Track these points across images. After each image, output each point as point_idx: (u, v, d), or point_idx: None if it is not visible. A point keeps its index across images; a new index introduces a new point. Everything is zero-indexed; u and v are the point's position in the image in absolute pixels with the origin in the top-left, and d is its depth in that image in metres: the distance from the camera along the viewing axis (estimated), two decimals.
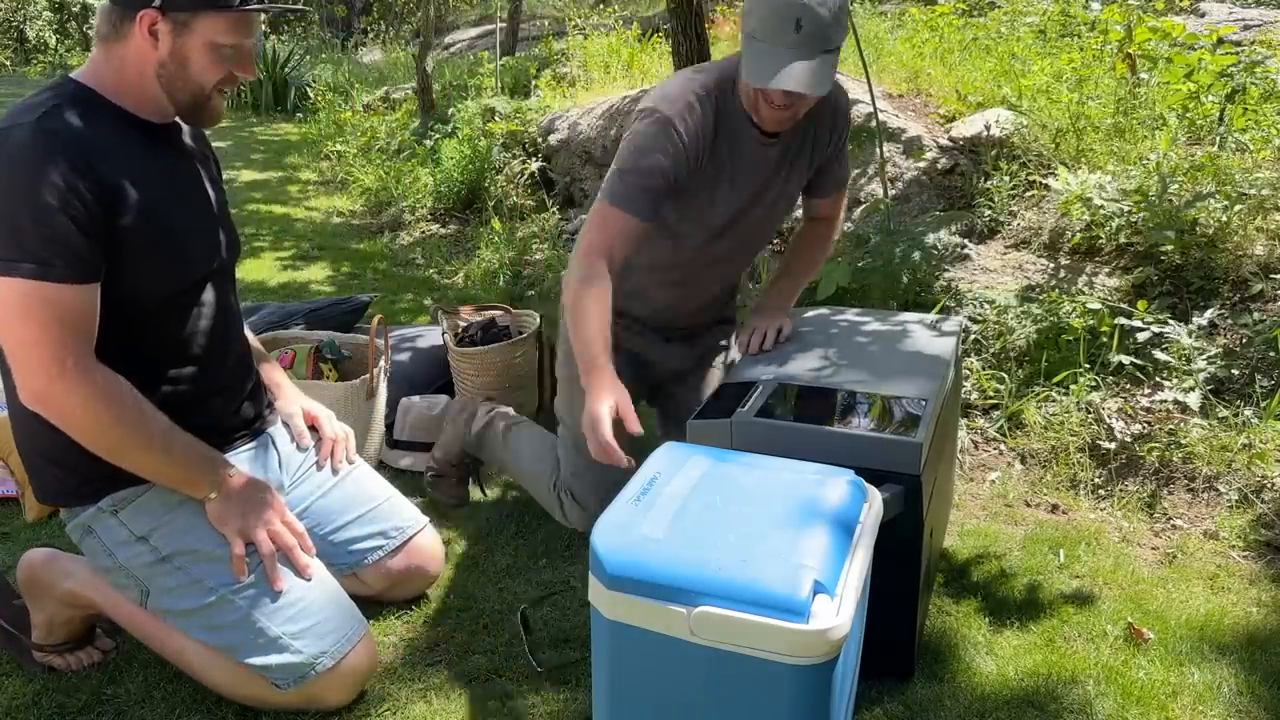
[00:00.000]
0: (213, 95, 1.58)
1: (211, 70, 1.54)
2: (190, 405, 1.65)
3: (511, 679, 1.76)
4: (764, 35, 1.70)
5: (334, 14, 16.27)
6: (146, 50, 1.51)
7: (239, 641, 1.57)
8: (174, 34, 1.50)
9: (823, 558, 1.19)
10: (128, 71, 1.54)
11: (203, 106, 1.59)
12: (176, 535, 1.60)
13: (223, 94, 1.60)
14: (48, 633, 1.76)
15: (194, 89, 1.55)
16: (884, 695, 1.70)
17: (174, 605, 1.59)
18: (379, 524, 1.89)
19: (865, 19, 6.35)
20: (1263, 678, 1.76)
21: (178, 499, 1.61)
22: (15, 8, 14.97)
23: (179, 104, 1.57)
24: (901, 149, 3.90)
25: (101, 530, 1.62)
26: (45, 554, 1.78)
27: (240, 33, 1.54)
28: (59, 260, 1.41)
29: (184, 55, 1.52)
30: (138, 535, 1.60)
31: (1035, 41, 4.95)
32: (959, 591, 2.03)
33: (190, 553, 1.59)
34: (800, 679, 1.14)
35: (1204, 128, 3.64)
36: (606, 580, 1.20)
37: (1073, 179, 3.25)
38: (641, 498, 1.31)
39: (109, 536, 1.61)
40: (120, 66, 1.54)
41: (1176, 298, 2.91)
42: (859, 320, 2.19)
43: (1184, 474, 2.41)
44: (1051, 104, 3.89)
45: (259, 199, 5.98)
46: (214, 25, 1.51)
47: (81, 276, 1.44)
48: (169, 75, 1.53)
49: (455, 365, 2.79)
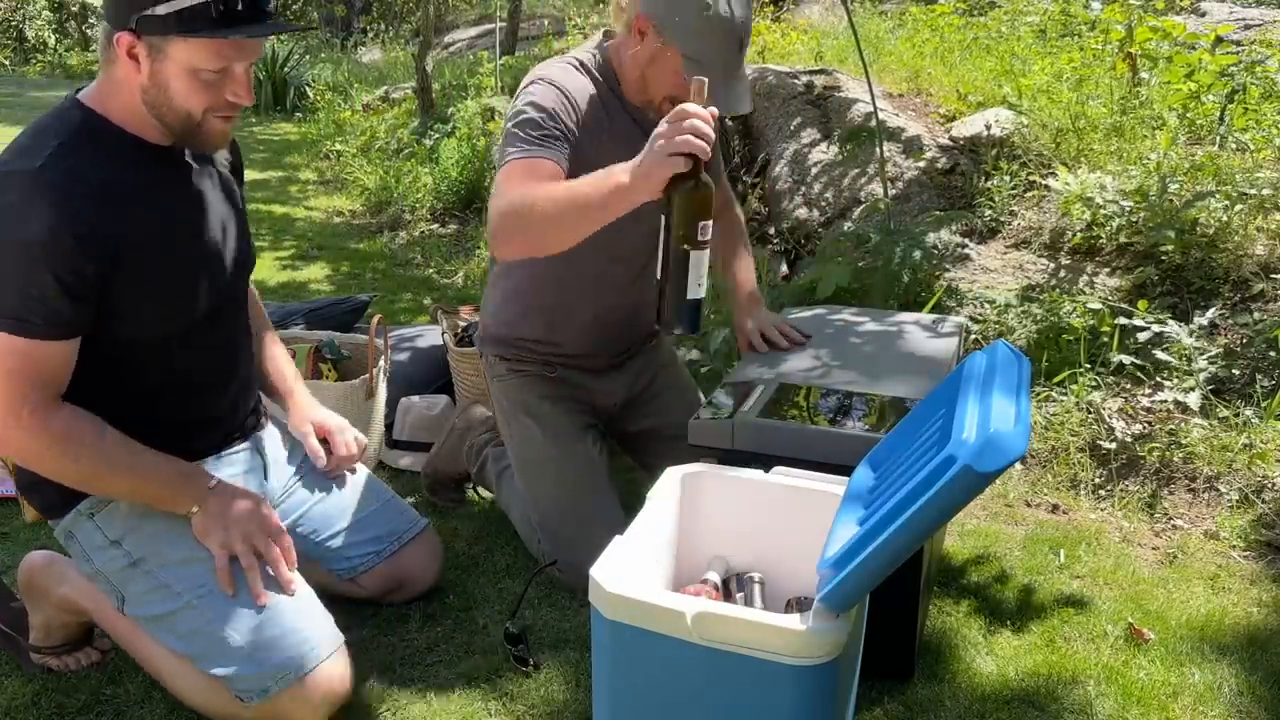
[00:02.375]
0: (205, 119, 1.49)
1: (195, 96, 1.46)
2: (186, 432, 1.65)
3: (511, 679, 1.75)
4: (711, 61, 1.69)
5: (333, 13, 16.28)
6: (131, 73, 1.45)
7: (202, 650, 1.53)
8: (151, 58, 1.43)
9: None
10: (122, 93, 1.49)
11: (195, 132, 1.50)
12: (147, 540, 1.58)
13: (224, 119, 1.51)
14: (45, 634, 1.75)
15: (180, 114, 1.48)
16: (884, 695, 1.70)
17: (146, 611, 1.58)
18: (376, 529, 1.87)
19: (865, 19, 6.35)
20: (1263, 678, 1.76)
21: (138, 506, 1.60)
22: (14, 7, 14.97)
23: (169, 128, 1.50)
24: (901, 149, 3.90)
25: (80, 534, 1.61)
26: (44, 557, 1.77)
27: (224, 58, 1.44)
28: (37, 318, 1.41)
29: (163, 80, 1.44)
30: (111, 539, 1.59)
31: (1035, 41, 4.95)
32: (959, 592, 2.02)
33: (158, 555, 1.57)
34: (800, 679, 1.14)
35: (1204, 127, 3.64)
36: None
37: (1073, 179, 3.24)
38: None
39: (87, 540, 1.61)
40: (116, 89, 1.49)
41: (1177, 298, 2.91)
42: (858, 320, 2.19)
43: (1184, 474, 2.41)
44: (1052, 104, 3.89)
45: (259, 199, 5.98)
46: (190, 51, 1.42)
47: (59, 335, 1.44)
48: (152, 100, 1.47)
49: (455, 365, 2.78)
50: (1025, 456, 2.55)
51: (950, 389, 1.26)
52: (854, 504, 1.28)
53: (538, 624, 1.92)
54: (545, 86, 1.80)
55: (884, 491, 1.21)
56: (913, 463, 1.20)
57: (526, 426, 2.06)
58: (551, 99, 1.78)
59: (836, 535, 1.21)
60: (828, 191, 3.89)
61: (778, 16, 6.85)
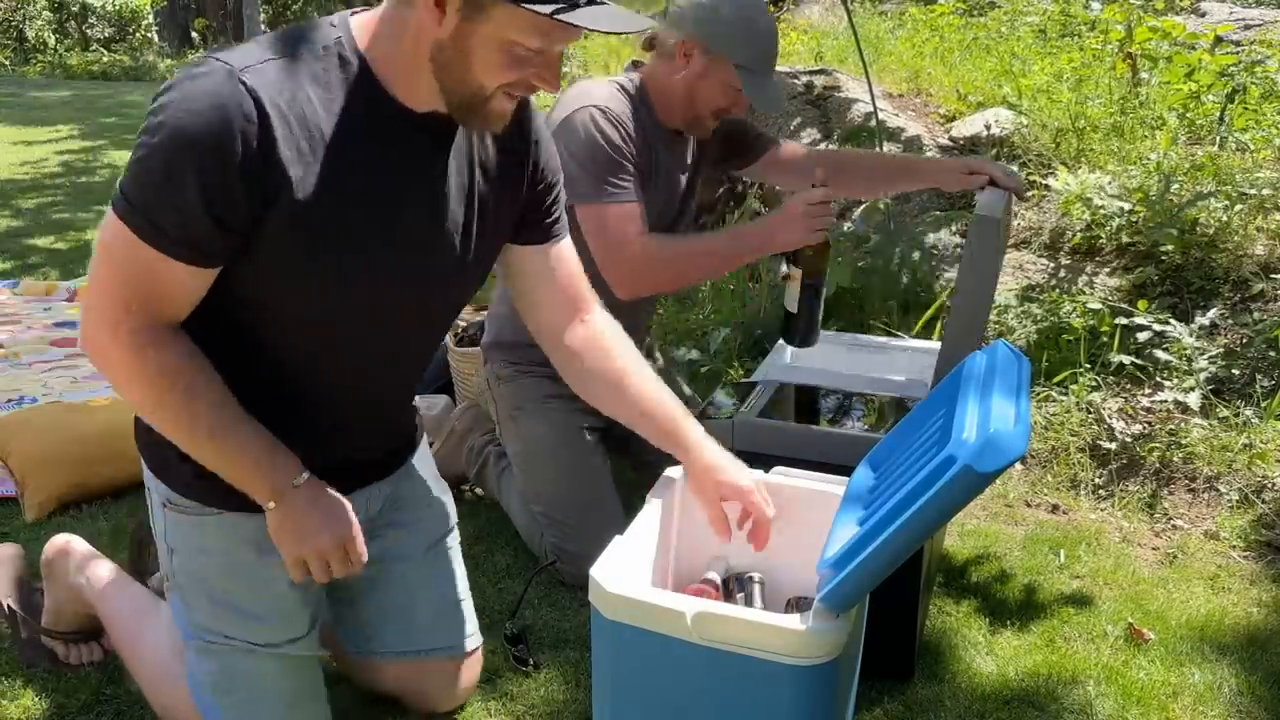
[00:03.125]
0: (494, 97, 1.24)
1: (498, 71, 1.21)
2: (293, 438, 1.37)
3: (511, 679, 1.75)
4: (758, 65, 1.96)
5: (333, 13, 16.25)
6: (429, 23, 1.19)
7: (195, 683, 1.46)
8: (462, 15, 1.17)
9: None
10: (403, 42, 1.23)
11: (478, 108, 1.25)
12: (192, 571, 1.43)
13: (512, 99, 1.27)
14: (56, 618, 1.74)
15: (472, 86, 1.22)
16: (884, 695, 1.70)
17: (177, 616, 1.49)
18: (434, 626, 1.62)
19: (865, 19, 6.35)
20: (1263, 678, 1.76)
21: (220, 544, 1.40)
22: (15, 7, 14.97)
23: (448, 95, 1.25)
24: (901, 149, 3.90)
25: (154, 500, 1.44)
26: (64, 542, 1.76)
27: (550, 38, 1.20)
28: (172, 231, 1.18)
29: (467, 44, 1.19)
30: (168, 544, 1.44)
31: (1035, 41, 4.96)
32: (959, 592, 2.02)
33: (195, 590, 1.43)
34: (800, 679, 1.14)
35: (1204, 127, 3.64)
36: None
37: (1073, 179, 3.24)
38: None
39: (156, 514, 1.45)
40: (397, 34, 1.23)
41: (1177, 298, 2.91)
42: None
43: (1184, 474, 2.41)
44: (1052, 104, 3.89)
45: None
46: (515, 20, 1.16)
47: (187, 258, 1.20)
48: (444, 61, 1.21)
49: (455, 365, 2.78)
50: (1025, 457, 2.55)
51: (950, 389, 1.26)
52: (854, 504, 1.28)
53: (538, 624, 1.92)
54: (613, 126, 1.92)
55: (884, 491, 1.21)
56: (913, 463, 1.20)
57: (531, 421, 2.08)
58: (619, 137, 1.92)
59: (836, 535, 1.21)
60: None
61: (778, 17, 6.86)
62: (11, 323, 3.52)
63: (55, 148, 6.98)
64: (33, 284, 3.95)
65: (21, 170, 6.23)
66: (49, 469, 2.29)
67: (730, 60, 1.94)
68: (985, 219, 1.64)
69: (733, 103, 2.00)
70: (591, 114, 1.90)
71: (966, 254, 1.67)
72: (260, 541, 1.35)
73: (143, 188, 1.18)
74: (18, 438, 2.37)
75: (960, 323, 1.69)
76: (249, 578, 1.42)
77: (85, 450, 2.34)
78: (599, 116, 1.91)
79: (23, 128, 7.68)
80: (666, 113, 2.04)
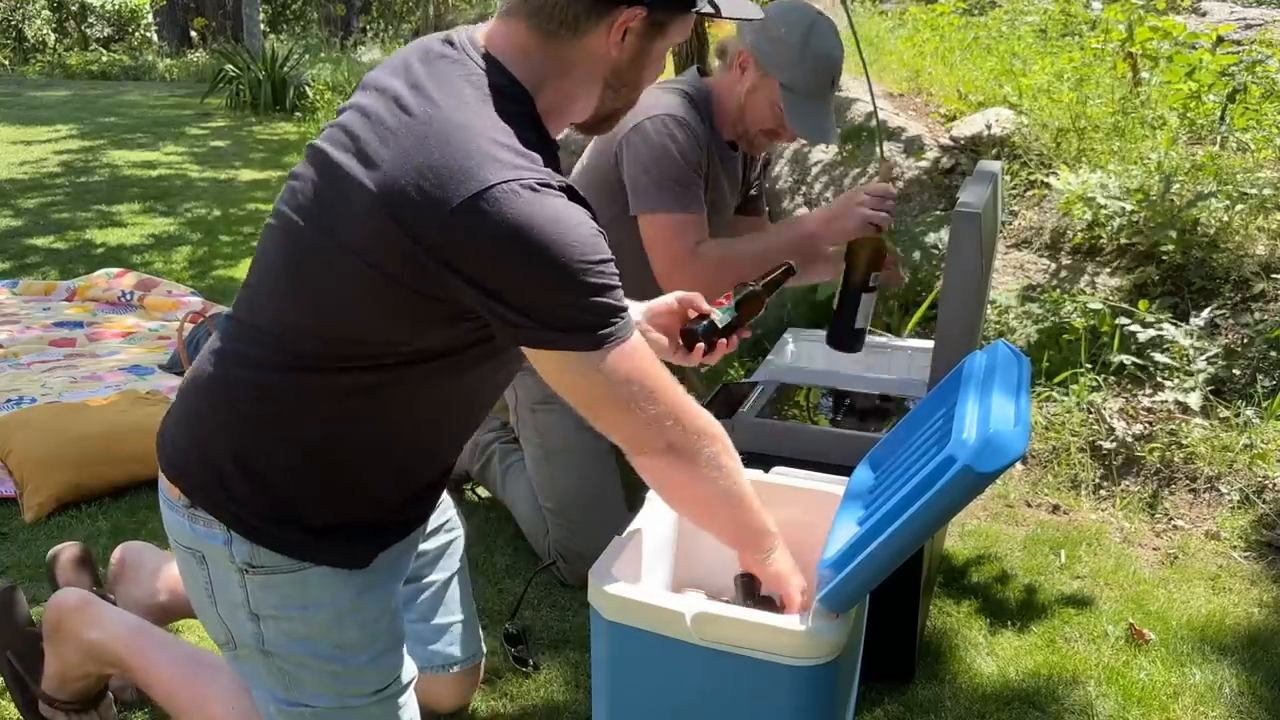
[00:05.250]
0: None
1: (651, 77, 1.31)
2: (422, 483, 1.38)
3: (511, 679, 1.75)
4: (806, 90, 1.89)
5: (333, 13, 16.28)
6: (604, 53, 1.23)
7: None
8: (643, 36, 1.24)
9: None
10: (569, 72, 1.25)
11: (614, 116, 1.34)
12: (295, 634, 1.30)
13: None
14: (60, 685, 1.56)
15: (630, 97, 1.32)
16: (884, 696, 1.70)
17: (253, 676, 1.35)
18: (464, 639, 1.61)
19: (865, 19, 6.35)
20: (1264, 678, 1.76)
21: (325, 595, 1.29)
22: (14, 7, 14.97)
23: (601, 110, 1.31)
24: (902, 148, 3.89)
25: (214, 566, 1.29)
26: (78, 598, 1.55)
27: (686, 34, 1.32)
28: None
29: (644, 60, 1.27)
30: (252, 610, 1.29)
31: (1036, 41, 4.96)
32: (959, 592, 2.02)
33: (299, 649, 1.30)
34: (800, 680, 1.14)
35: (1205, 127, 3.64)
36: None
37: (1074, 178, 3.24)
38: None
39: (220, 581, 1.29)
40: (558, 69, 1.24)
41: (1178, 297, 2.91)
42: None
43: (1185, 474, 2.41)
44: (1052, 103, 3.89)
45: (259, 198, 5.97)
46: (683, 27, 1.27)
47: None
48: (618, 81, 1.27)
49: None
50: (1025, 457, 2.55)
51: (950, 389, 1.26)
52: (854, 504, 1.27)
53: (538, 624, 1.92)
54: (685, 133, 1.89)
55: (884, 491, 1.21)
56: (913, 463, 1.20)
57: (553, 417, 2.07)
58: (690, 145, 1.90)
59: (836, 535, 1.21)
60: (828, 191, 3.89)
61: None
62: (11, 323, 3.52)
63: (54, 147, 6.98)
64: (32, 284, 3.95)
65: (21, 170, 6.22)
66: (48, 469, 2.29)
67: (777, 80, 1.88)
68: (964, 213, 1.59)
69: (779, 125, 1.92)
70: (665, 121, 1.89)
71: (949, 250, 1.66)
72: (357, 583, 1.31)
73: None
74: (17, 438, 2.37)
75: (950, 321, 1.67)
76: (357, 621, 1.32)
77: (85, 450, 2.34)
78: (671, 124, 1.89)
79: (22, 127, 7.68)
80: (724, 121, 2.01)
